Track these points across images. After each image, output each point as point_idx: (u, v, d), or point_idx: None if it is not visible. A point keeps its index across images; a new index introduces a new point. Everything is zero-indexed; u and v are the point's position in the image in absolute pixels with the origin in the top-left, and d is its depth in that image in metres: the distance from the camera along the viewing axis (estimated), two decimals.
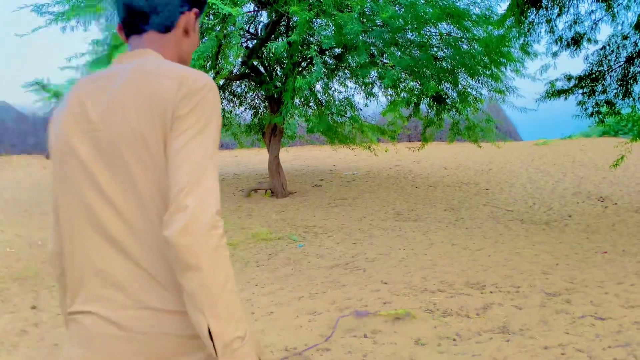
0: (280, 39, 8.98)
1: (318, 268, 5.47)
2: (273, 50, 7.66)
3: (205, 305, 0.94)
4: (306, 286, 4.80)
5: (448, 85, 10.26)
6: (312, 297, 4.44)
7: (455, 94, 10.56)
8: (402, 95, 11.08)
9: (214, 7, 6.82)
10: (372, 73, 9.93)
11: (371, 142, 12.31)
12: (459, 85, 10.18)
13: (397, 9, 8.14)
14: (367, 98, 11.64)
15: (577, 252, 5.80)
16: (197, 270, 0.93)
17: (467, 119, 10.93)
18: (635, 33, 7.30)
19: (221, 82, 11.09)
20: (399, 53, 9.00)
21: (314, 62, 7.81)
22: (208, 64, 8.74)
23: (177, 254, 0.93)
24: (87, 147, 1.05)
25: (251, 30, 10.88)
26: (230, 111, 12.80)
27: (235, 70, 10.96)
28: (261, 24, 10.71)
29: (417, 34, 8.80)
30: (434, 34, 9.29)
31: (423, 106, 11.43)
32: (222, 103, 12.59)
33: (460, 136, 11.60)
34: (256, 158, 18.85)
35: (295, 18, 7.99)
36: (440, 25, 8.99)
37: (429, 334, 3.52)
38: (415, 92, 10.77)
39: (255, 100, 13.02)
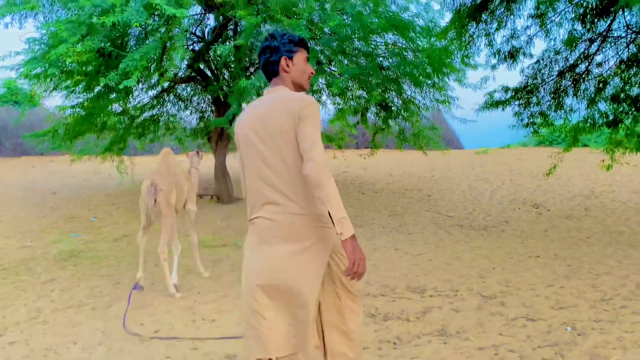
0: (227, 42, 8.88)
1: None
2: (219, 53, 7.57)
3: (326, 201, 1.93)
4: None
5: (393, 94, 10.48)
6: None
7: (400, 103, 10.80)
8: (349, 103, 11.22)
9: (157, 8, 6.68)
10: (320, 80, 10.00)
11: None
12: (404, 94, 10.42)
13: (344, 18, 8.26)
14: None
15: (512, 256, 6.05)
16: (321, 187, 1.93)
17: (414, 126, 11.19)
18: (566, 49, 7.73)
19: (165, 84, 10.85)
20: (346, 61, 9.12)
21: None
22: (152, 66, 8.54)
23: (312, 180, 1.94)
24: (257, 139, 2.13)
25: (198, 33, 10.72)
26: (175, 115, 12.52)
27: (180, 73, 10.75)
28: (208, 27, 10.57)
29: (364, 43, 8.95)
30: (380, 43, 9.48)
31: (370, 114, 11.62)
32: (166, 106, 12.31)
33: (407, 143, 11.86)
34: (202, 163, 18.54)
35: (242, 22, 7.95)
36: (386, 36, 9.19)
37: (370, 338, 3.57)
38: (362, 100, 10.92)
39: (202, 104, 12.80)
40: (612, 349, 3.27)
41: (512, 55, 7.66)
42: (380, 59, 9.45)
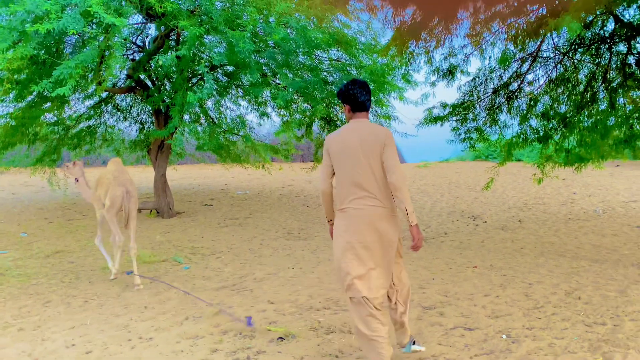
0: (169, 52, 8.70)
1: (204, 290, 5.30)
2: (161, 63, 7.40)
3: (404, 200, 2.95)
4: (190, 309, 4.62)
5: (337, 108, 10.61)
6: (195, 321, 4.28)
7: (344, 117, 10.94)
8: (295, 116, 11.25)
9: (96, 16, 6.46)
10: (265, 93, 9.98)
11: (265, 162, 12.29)
12: None
13: (289, 31, 8.30)
14: (260, 117, 11.64)
15: (451, 267, 6.22)
16: (402, 190, 2.94)
17: None
18: (500, 67, 8.12)
19: (103, 94, 10.49)
20: (291, 75, 9.16)
21: (204, 78, 7.68)
22: (89, 75, 8.22)
23: (396, 185, 2.93)
24: (355, 154, 3.03)
25: (138, 43, 10.44)
26: (113, 126, 12.09)
27: (120, 83, 10.42)
28: (149, 37, 10.33)
29: (308, 57, 9.03)
30: (324, 58, 9.59)
31: (315, 127, 11.69)
32: (103, 117, 11.89)
33: None
34: (141, 176, 17.96)
35: (185, 33, 7.82)
36: (330, 51, 9.31)
37: (312, 352, 3.55)
38: (308, 113, 10.99)
39: (142, 115, 12.44)
40: (544, 355, 3.41)
41: (451, 73, 7.94)
42: (325, 73, 9.56)
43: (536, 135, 8.43)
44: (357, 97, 3.18)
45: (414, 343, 3.46)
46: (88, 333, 4.06)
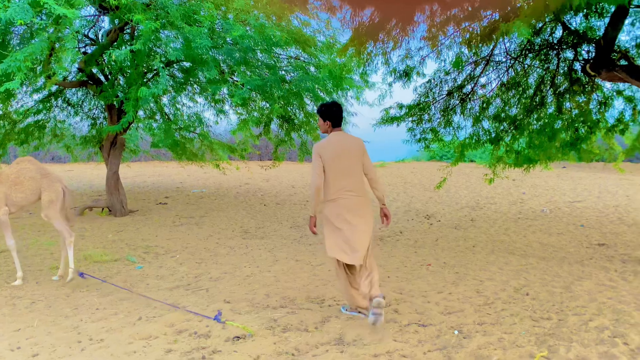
0: (123, 46, 8.45)
1: (158, 290, 5.19)
2: (114, 57, 7.19)
3: (381, 190, 4.30)
4: (143, 309, 4.52)
5: (296, 107, 10.61)
6: (149, 321, 4.19)
7: (302, 116, 10.95)
8: (252, 114, 11.17)
9: (46, 6, 6.21)
10: (223, 90, 9.86)
11: (221, 160, 12.14)
12: (306, 108, 10.58)
13: (247, 29, 8.23)
14: (217, 115, 11.49)
15: (406, 265, 6.34)
16: (379, 183, 4.28)
17: (315, 139, 11.40)
18: (454, 70, 8.33)
19: (53, 88, 10.10)
20: (249, 73, 9.09)
21: (160, 73, 7.51)
22: (38, 68, 7.89)
23: (375, 180, 4.26)
24: (344, 156, 4.12)
25: (91, 35, 10.11)
26: (64, 121, 11.66)
27: (71, 77, 10.06)
28: (102, 30, 10.02)
29: (266, 55, 8.98)
30: (282, 56, 9.56)
31: (274, 126, 11.65)
32: (53, 111, 11.46)
33: (309, 156, 12.04)
34: (92, 173, 17.41)
35: (140, 27, 7.63)
36: (288, 49, 9.29)
37: (269, 351, 3.54)
38: (266, 111, 10.93)
39: (94, 111, 12.05)
40: (493, 350, 3.53)
41: (407, 74, 8.08)
42: (283, 72, 9.54)
43: (488, 137, 8.70)
44: (338, 115, 4.26)
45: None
46: (35, 335, 3.90)
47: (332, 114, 4.21)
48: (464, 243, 8.14)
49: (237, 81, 9.25)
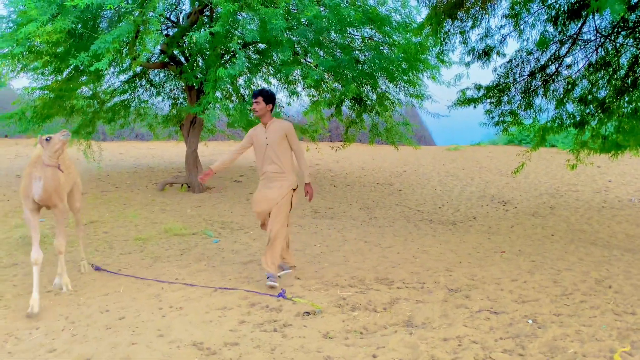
0: (202, 29, 8.73)
1: (232, 264, 5.41)
2: (194, 39, 7.45)
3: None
4: (218, 282, 4.74)
5: (368, 88, 10.52)
6: (224, 293, 4.39)
7: (375, 97, 10.85)
8: (324, 95, 11.20)
9: None
10: (296, 71, 9.95)
11: None
12: (379, 89, 10.47)
13: (321, 9, 8.22)
14: (290, 97, 11.64)
15: (479, 251, 6.18)
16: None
17: (387, 121, 11.27)
18: (537, 50, 7.89)
19: (138, 69, 10.63)
20: (322, 53, 9.10)
21: (237, 55, 7.71)
22: (124, 50, 8.34)
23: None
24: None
25: (172, 18, 10.52)
26: (147, 101, 12.28)
27: (153, 58, 10.55)
28: (183, 12, 10.39)
29: (340, 35, 8.94)
30: (356, 37, 9.48)
31: (344, 108, 11.63)
32: (137, 92, 12.08)
33: (380, 138, 11.94)
34: (173, 151, 18.26)
35: (219, 9, 7.84)
36: (362, 29, 9.19)
37: (337, 328, 3.61)
38: (337, 93, 10.93)
39: (175, 91, 12.59)
40: (570, 342, 3.38)
41: (486, 54, 7.76)
42: (357, 52, 9.46)
43: (572, 121, 8.20)
44: (269, 94, 4.75)
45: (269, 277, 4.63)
46: (121, 300, 4.21)
47: (274, 100, 4.77)
48: (542, 231, 7.80)
49: (310, 62, 9.30)
